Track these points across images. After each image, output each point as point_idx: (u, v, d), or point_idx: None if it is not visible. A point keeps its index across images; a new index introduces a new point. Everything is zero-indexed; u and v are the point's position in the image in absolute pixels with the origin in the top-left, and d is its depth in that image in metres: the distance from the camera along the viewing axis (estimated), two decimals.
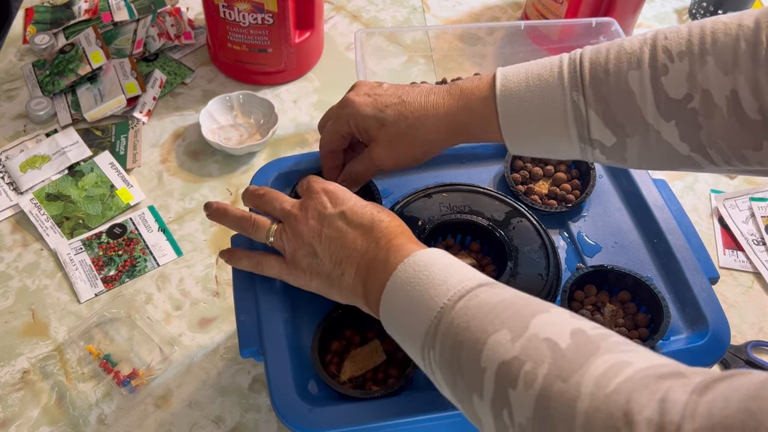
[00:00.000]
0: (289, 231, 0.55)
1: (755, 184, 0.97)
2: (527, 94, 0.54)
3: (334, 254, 0.53)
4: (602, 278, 0.60)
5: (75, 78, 0.99)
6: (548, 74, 0.54)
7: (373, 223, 0.53)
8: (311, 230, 0.54)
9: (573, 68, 0.54)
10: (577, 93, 0.53)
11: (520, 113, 0.54)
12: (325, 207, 0.54)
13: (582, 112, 0.53)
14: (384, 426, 0.52)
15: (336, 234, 0.53)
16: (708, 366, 0.56)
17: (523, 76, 0.55)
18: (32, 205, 0.88)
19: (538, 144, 0.56)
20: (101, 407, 0.72)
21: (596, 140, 0.54)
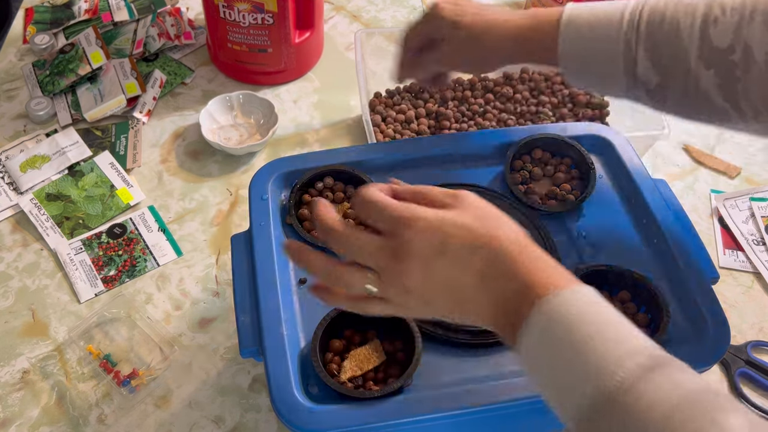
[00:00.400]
0: (392, 285, 0.46)
1: (755, 184, 0.97)
2: (588, 25, 0.60)
3: (452, 301, 0.46)
4: (602, 278, 0.60)
5: (75, 78, 0.99)
6: (612, 11, 0.60)
7: (489, 249, 0.45)
8: (420, 287, 0.46)
9: (634, 10, 0.59)
10: (631, 30, 0.59)
11: (578, 39, 0.61)
12: (430, 255, 0.45)
13: (632, 48, 0.59)
14: (384, 426, 0.52)
15: (452, 283, 0.45)
16: (708, 366, 0.56)
17: (592, 8, 0.61)
18: (32, 205, 0.88)
19: (589, 73, 0.62)
20: (101, 407, 0.72)
21: (641, 79, 0.59)
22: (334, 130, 1.00)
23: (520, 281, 0.44)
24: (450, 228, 0.45)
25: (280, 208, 0.65)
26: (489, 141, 0.69)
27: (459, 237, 0.45)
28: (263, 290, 0.58)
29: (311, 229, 0.63)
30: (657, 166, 0.99)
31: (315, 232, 0.63)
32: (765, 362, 0.78)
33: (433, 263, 0.45)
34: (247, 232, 0.64)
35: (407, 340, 0.55)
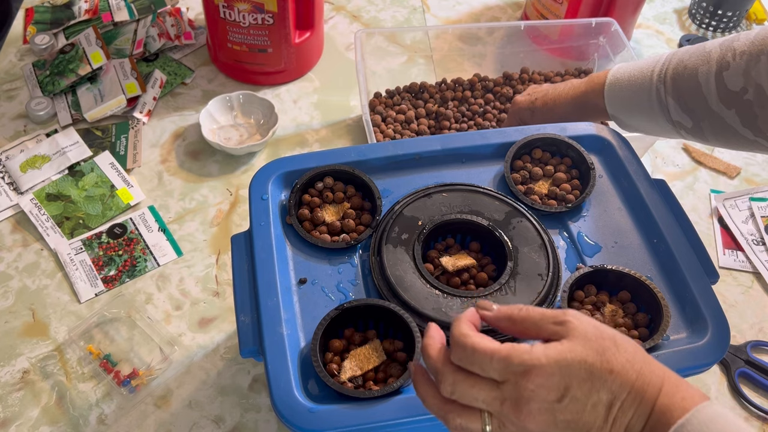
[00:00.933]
0: (512, 425, 0.45)
1: (755, 184, 0.97)
2: (626, 84, 0.71)
3: (578, 430, 0.44)
4: (602, 278, 0.60)
5: (75, 78, 0.99)
6: (648, 68, 0.69)
7: (611, 390, 0.43)
8: (544, 426, 0.44)
9: (663, 64, 0.68)
10: (660, 82, 0.68)
11: (618, 98, 0.72)
12: (551, 401, 0.43)
13: (662, 98, 0.68)
14: (384, 426, 0.52)
15: (575, 417, 0.44)
16: (708, 366, 0.56)
17: (632, 67, 0.71)
18: (32, 205, 0.88)
19: (636, 122, 0.73)
20: (101, 407, 0.72)
21: (677, 122, 0.68)
22: (334, 130, 1.00)
23: (648, 406, 0.43)
24: (567, 370, 0.43)
25: (280, 208, 0.65)
26: (489, 141, 0.69)
27: (579, 378, 0.43)
28: (263, 290, 0.58)
29: (311, 229, 0.63)
30: (657, 166, 0.99)
31: (314, 231, 0.63)
32: (765, 362, 0.78)
33: (556, 408, 0.43)
34: (247, 232, 0.64)
35: (407, 340, 0.55)
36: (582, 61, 1.06)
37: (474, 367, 0.45)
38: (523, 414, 0.44)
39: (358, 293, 0.59)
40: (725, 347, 0.56)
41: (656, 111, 0.69)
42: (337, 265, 0.61)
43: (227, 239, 0.84)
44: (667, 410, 0.42)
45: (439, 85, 1.01)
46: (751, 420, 0.75)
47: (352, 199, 0.65)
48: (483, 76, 1.01)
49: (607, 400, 0.43)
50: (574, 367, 0.43)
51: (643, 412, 0.43)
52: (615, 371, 0.43)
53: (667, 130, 0.71)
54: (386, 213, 0.63)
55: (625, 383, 0.43)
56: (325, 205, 0.65)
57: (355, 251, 0.62)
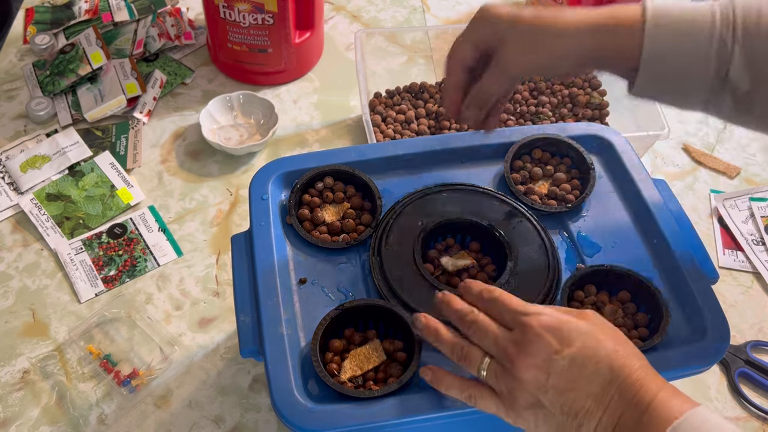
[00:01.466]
0: (506, 375, 0.47)
1: (755, 184, 0.97)
2: (678, 20, 0.53)
3: (566, 407, 0.45)
4: (602, 278, 0.60)
5: (75, 78, 0.99)
6: (701, 9, 0.53)
7: (612, 369, 0.45)
8: (535, 380, 0.46)
9: (726, 7, 0.53)
10: (727, 29, 0.52)
11: (667, 35, 0.53)
12: (551, 350, 0.45)
13: (728, 47, 0.52)
14: (384, 426, 0.52)
15: (566, 385, 0.45)
16: (708, 366, 0.56)
17: (677, 6, 0.54)
18: (32, 205, 0.88)
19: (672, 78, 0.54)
20: (101, 407, 0.72)
21: (731, 81, 0.53)
22: (334, 130, 1.00)
23: (644, 403, 0.44)
24: (578, 332, 0.46)
25: (280, 208, 0.65)
26: (489, 141, 0.69)
27: (585, 344, 0.45)
28: (263, 290, 0.58)
29: (311, 229, 0.63)
30: (657, 166, 0.99)
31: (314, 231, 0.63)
32: (764, 362, 0.78)
33: (553, 362, 0.45)
34: (247, 232, 0.64)
35: (407, 340, 0.56)
36: None
37: (493, 308, 0.50)
38: (520, 357, 0.46)
39: (358, 293, 0.59)
40: (725, 347, 0.56)
41: (710, 64, 0.53)
42: (337, 265, 0.61)
43: (227, 239, 0.84)
44: (664, 409, 0.43)
45: (439, 85, 1.01)
46: (751, 420, 0.75)
47: (352, 199, 0.65)
48: None
49: (604, 379, 0.45)
50: (582, 333, 0.46)
51: (638, 407, 0.44)
52: (619, 355, 0.45)
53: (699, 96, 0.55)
54: (386, 213, 0.63)
55: (627, 371, 0.45)
56: (325, 205, 0.65)
57: (355, 251, 0.62)
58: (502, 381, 0.47)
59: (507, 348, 0.47)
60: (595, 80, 1.02)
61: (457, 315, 0.51)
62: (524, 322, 0.47)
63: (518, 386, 0.46)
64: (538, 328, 0.46)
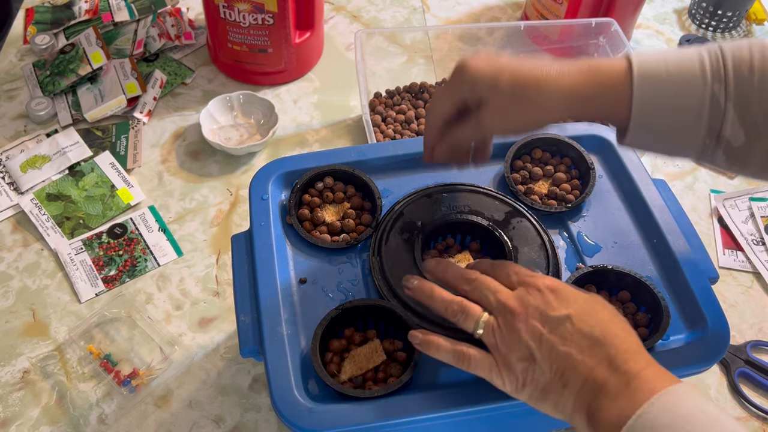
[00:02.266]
0: (503, 327, 0.49)
1: (755, 184, 0.97)
2: (667, 77, 0.51)
3: (556, 363, 0.47)
4: (602, 278, 0.60)
5: (75, 78, 0.99)
6: (688, 63, 0.52)
7: (605, 335, 0.47)
8: (531, 331, 0.47)
9: (715, 60, 0.51)
10: (719, 85, 0.51)
11: (658, 95, 0.52)
12: (550, 307, 0.48)
13: (720, 104, 0.51)
14: (384, 426, 0.52)
15: (560, 341, 0.47)
16: (708, 366, 0.56)
17: (662, 59, 0.52)
18: (33, 205, 0.88)
19: (663, 134, 0.53)
20: (101, 407, 0.72)
21: (725, 137, 0.52)
22: (334, 130, 1.00)
23: (632, 374, 0.45)
24: (577, 296, 0.49)
25: (280, 208, 0.65)
26: None
27: (581, 306, 0.48)
28: (263, 290, 0.58)
29: (311, 229, 0.63)
30: (657, 166, 0.99)
31: (314, 231, 0.63)
32: (764, 362, 0.78)
33: (552, 314, 0.48)
34: (247, 232, 0.64)
35: (407, 340, 0.55)
36: None
37: (502, 275, 0.52)
38: (521, 308, 0.48)
39: (358, 293, 0.59)
40: (725, 347, 0.56)
41: (702, 120, 0.52)
42: (337, 265, 0.61)
43: (227, 239, 0.84)
44: (652, 380, 0.45)
45: (439, 85, 1.01)
46: (751, 420, 0.75)
47: (352, 199, 0.65)
48: None
49: (596, 342, 0.47)
50: (584, 300, 0.49)
51: (626, 374, 0.45)
52: (614, 325, 0.48)
53: (693, 150, 0.54)
54: (386, 213, 0.63)
55: (619, 340, 0.47)
56: (325, 205, 0.65)
57: (355, 251, 0.62)
58: (498, 335, 0.49)
59: (508, 301, 0.49)
60: None
61: (455, 275, 0.53)
62: (528, 281, 0.50)
63: (515, 339, 0.48)
64: (542, 286, 0.49)
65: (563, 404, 0.47)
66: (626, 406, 0.44)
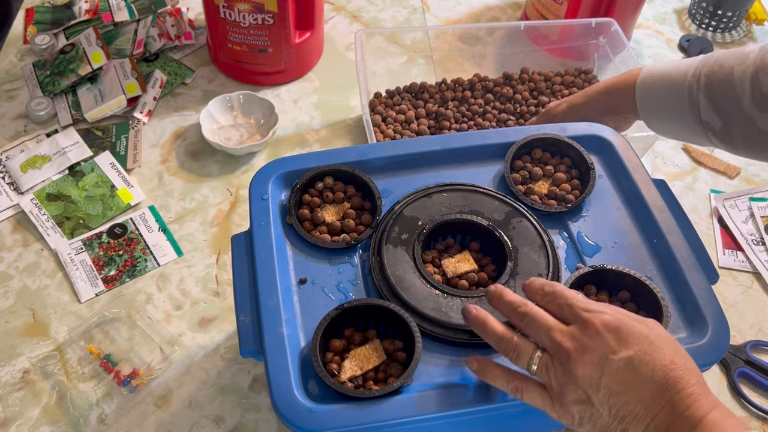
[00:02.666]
0: (558, 368, 0.47)
1: (755, 184, 0.97)
2: (658, 80, 0.70)
3: (615, 408, 0.45)
4: (602, 278, 0.60)
5: (75, 78, 0.99)
6: (684, 66, 0.68)
7: (667, 379, 0.45)
8: (588, 377, 0.46)
9: (700, 63, 0.67)
10: (694, 79, 0.66)
11: (650, 93, 0.70)
12: (609, 350, 0.46)
13: (694, 95, 0.66)
14: (384, 426, 0.52)
15: (619, 387, 0.45)
16: (708, 366, 0.56)
17: (665, 66, 0.70)
18: (33, 205, 0.88)
19: (665, 122, 0.71)
20: (101, 407, 0.72)
21: (706, 122, 0.66)
22: (334, 130, 1.00)
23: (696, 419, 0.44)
24: (636, 333, 0.46)
25: (280, 208, 0.65)
26: (489, 141, 0.69)
27: (641, 347, 0.46)
28: (263, 290, 0.58)
29: (311, 229, 0.63)
30: (657, 166, 0.99)
31: (314, 231, 0.63)
32: (764, 362, 0.78)
33: (610, 362, 0.45)
34: (247, 232, 0.64)
35: (407, 340, 0.56)
36: (582, 61, 1.06)
37: (553, 302, 0.49)
38: (577, 352, 0.46)
39: (358, 293, 0.59)
40: (725, 347, 0.56)
41: (686, 110, 0.67)
42: (337, 265, 0.61)
43: (227, 239, 0.84)
44: (716, 427, 0.43)
45: (439, 85, 1.01)
46: (751, 420, 0.75)
47: (352, 199, 0.65)
48: (483, 76, 1.01)
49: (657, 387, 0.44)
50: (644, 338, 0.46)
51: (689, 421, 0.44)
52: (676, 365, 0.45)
53: (695, 132, 0.69)
54: (386, 213, 0.63)
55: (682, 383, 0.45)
56: (325, 205, 0.65)
57: (355, 251, 0.62)
58: (552, 375, 0.47)
59: (563, 342, 0.47)
60: (595, 80, 1.02)
61: (509, 307, 0.51)
62: (585, 318, 0.47)
63: (570, 381, 0.46)
64: (599, 326, 0.46)
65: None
66: None
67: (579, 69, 1.04)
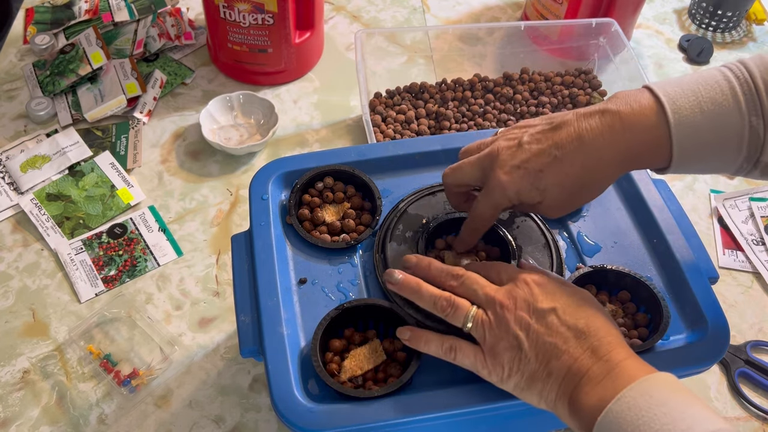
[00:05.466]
0: (492, 318, 0.50)
1: (754, 184, 0.97)
2: (703, 122, 0.51)
3: (542, 352, 0.49)
4: (602, 278, 0.60)
5: (75, 78, 0.99)
6: (721, 97, 0.51)
7: (588, 327, 0.49)
8: (519, 321, 0.50)
9: (748, 90, 0.51)
10: (757, 118, 0.50)
11: (696, 142, 0.52)
12: (537, 299, 0.50)
13: (760, 137, 0.51)
14: (384, 426, 0.52)
15: (546, 330, 0.49)
16: (708, 366, 0.56)
17: (694, 100, 0.51)
18: (33, 205, 0.88)
19: (702, 167, 0.54)
20: (101, 407, 0.72)
21: (763, 162, 0.52)
22: (334, 130, 1.00)
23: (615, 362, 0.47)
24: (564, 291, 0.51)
25: (280, 208, 0.65)
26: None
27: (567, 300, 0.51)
28: (263, 290, 0.58)
29: (311, 229, 0.63)
30: None
31: (314, 231, 0.63)
32: (764, 362, 0.78)
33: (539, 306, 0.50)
34: (247, 232, 0.64)
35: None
36: (582, 61, 1.06)
37: (492, 273, 0.54)
38: (510, 301, 0.50)
39: (358, 293, 0.59)
40: (725, 347, 0.56)
41: (741, 152, 0.52)
42: (337, 265, 0.61)
43: (227, 239, 0.84)
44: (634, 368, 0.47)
45: (439, 85, 1.01)
46: (751, 420, 0.75)
47: (352, 199, 0.65)
48: (483, 77, 1.01)
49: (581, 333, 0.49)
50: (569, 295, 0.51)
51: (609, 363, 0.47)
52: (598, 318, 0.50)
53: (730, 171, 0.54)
54: (390, 210, 0.64)
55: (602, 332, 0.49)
56: (325, 205, 0.65)
57: (355, 251, 0.62)
58: (487, 327, 0.50)
59: (497, 294, 0.51)
60: (595, 80, 1.02)
61: (440, 271, 0.54)
62: (516, 277, 0.52)
63: (503, 329, 0.50)
64: (529, 281, 0.51)
65: (548, 392, 0.49)
66: (607, 391, 0.46)
67: (579, 69, 1.04)
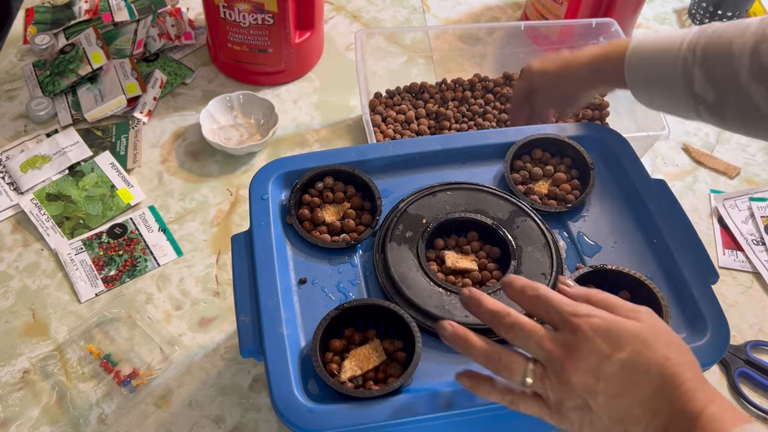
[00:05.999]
0: (554, 378, 0.46)
1: (755, 184, 0.97)
2: (650, 50, 0.66)
3: (614, 412, 0.44)
4: (602, 278, 0.60)
5: (75, 78, 0.99)
6: (677, 37, 0.64)
7: (663, 376, 0.44)
8: (584, 384, 0.45)
9: (695, 35, 0.63)
10: (689, 51, 0.63)
11: (641, 64, 0.66)
12: (602, 354, 0.44)
13: (689, 67, 0.63)
14: (384, 426, 0.52)
15: (617, 391, 0.44)
16: (708, 366, 0.56)
17: (657, 36, 0.66)
18: (33, 205, 0.88)
19: (655, 94, 0.67)
20: (101, 407, 0.72)
21: (699, 95, 0.63)
22: (334, 130, 1.00)
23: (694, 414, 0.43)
24: (627, 334, 0.45)
25: (280, 208, 0.65)
26: (489, 141, 0.69)
27: (634, 347, 0.44)
28: (263, 290, 0.58)
29: (311, 229, 0.63)
30: (657, 166, 0.99)
31: (314, 231, 0.63)
32: (764, 362, 0.78)
33: (604, 363, 0.44)
34: (247, 232, 0.64)
35: (407, 340, 0.55)
36: None
37: (540, 308, 0.48)
38: (571, 361, 0.45)
39: (358, 293, 0.59)
40: (725, 347, 0.56)
41: (679, 82, 0.64)
42: (337, 265, 0.61)
43: (227, 239, 0.84)
44: (715, 421, 0.42)
45: (439, 85, 1.01)
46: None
47: (352, 199, 0.65)
48: (483, 77, 1.01)
49: (654, 387, 0.44)
50: (635, 337, 0.45)
51: (687, 417, 0.43)
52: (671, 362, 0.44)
53: (685, 105, 0.65)
54: (391, 210, 0.64)
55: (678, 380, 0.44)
56: (325, 205, 0.65)
57: (355, 251, 0.62)
58: (548, 385, 0.46)
59: (555, 351, 0.46)
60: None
61: (491, 316, 0.49)
62: (574, 324, 0.46)
63: (567, 390, 0.45)
64: (589, 331, 0.45)
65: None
66: None
67: None
